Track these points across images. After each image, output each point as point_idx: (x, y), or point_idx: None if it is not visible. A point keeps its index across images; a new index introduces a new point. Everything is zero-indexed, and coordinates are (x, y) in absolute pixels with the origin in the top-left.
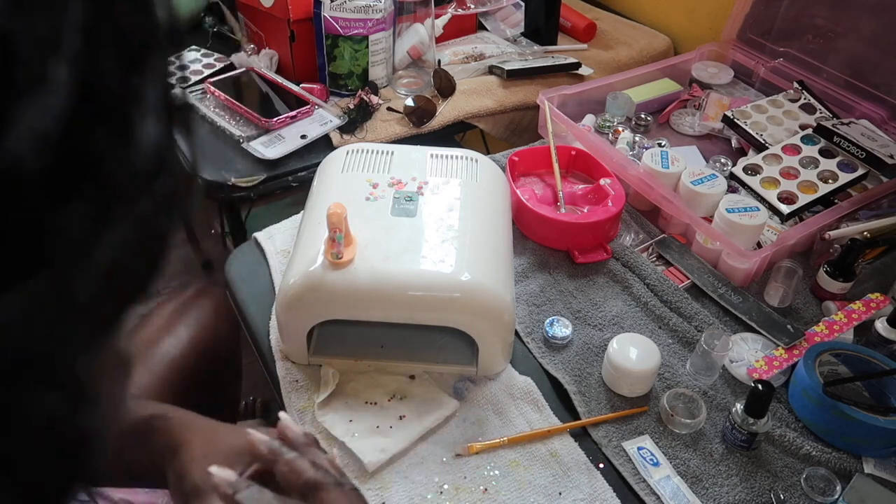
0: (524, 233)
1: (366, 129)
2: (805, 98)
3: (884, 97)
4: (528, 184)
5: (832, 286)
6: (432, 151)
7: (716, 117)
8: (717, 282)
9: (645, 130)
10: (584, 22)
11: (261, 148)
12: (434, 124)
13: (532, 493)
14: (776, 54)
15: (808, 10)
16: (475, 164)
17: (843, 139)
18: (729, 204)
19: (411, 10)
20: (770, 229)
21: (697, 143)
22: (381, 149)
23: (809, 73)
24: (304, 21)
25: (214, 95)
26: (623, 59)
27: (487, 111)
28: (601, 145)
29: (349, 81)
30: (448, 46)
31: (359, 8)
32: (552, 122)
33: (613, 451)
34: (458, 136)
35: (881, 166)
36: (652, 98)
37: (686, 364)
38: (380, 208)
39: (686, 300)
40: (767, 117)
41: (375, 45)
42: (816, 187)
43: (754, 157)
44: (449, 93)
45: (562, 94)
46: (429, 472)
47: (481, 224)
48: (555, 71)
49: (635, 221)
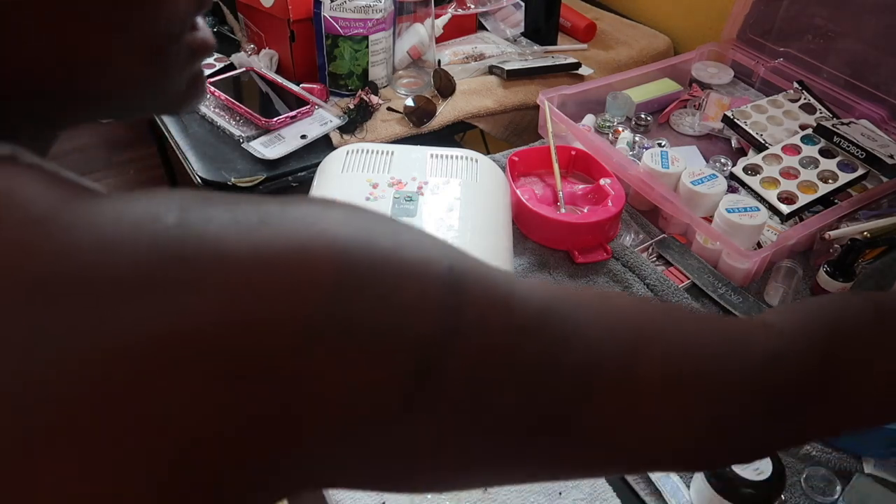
0: (524, 233)
1: (366, 129)
2: (805, 98)
3: (884, 97)
4: (528, 184)
5: (832, 286)
6: (432, 151)
7: (716, 117)
8: (717, 282)
9: (645, 130)
10: (584, 22)
11: (261, 148)
12: (434, 124)
13: (532, 493)
14: (776, 54)
15: (808, 10)
16: (475, 164)
17: (843, 139)
18: (729, 204)
19: (411, 10)
20: (770, 229)
21: (697, 143)
22: (381, 149)
23: (809, 73)
24: (304, 21)
25: (214, 95)
26: (623, 59)
27: (487, 111)
28: (601, 145)
29: (349, 81)
30: (448, 46)
31: (359, 8)
32: (552, 122)
33: None
34: (458, 136)
35: (881, 166)
36: (652, 98)
37: None
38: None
39: (686, 300)
40: (767, 117)
41: (375, 45)
42: (816, 187)
43: (754, 157)
44: (449, 93)
45: (562, 94)
46: None
47: (481, 224)
48: (555, 71)
49: (635, 221)
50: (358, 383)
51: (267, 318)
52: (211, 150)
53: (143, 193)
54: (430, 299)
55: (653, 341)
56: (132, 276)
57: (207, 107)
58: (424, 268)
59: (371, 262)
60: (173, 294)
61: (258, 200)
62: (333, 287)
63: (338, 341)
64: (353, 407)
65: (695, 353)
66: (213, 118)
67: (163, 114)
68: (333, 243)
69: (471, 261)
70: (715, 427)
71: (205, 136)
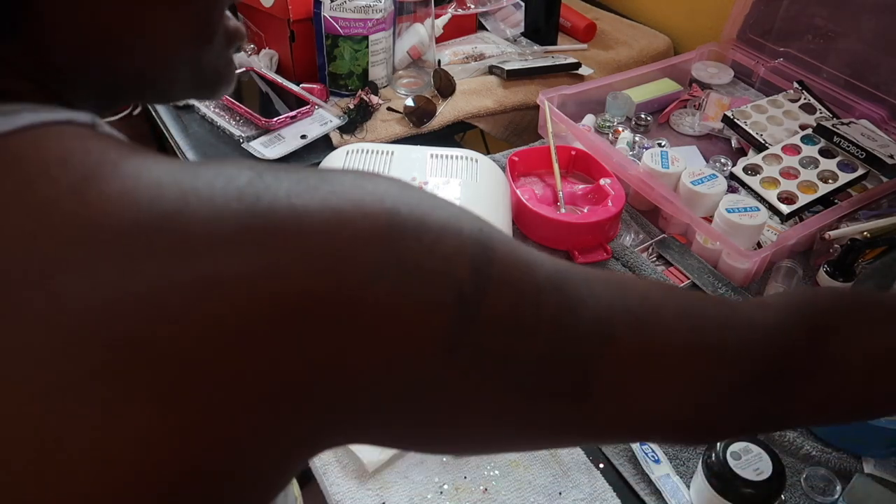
0: (524, 233)
1: (366, 129)
2: (805, 98)
3: (884, 97)
4: (528, 184)
5: (832, 286)
6: (432, 151)
7: (716, 117)
8: (717, 282)
9: (645, 130)
10: (584, 22)
11: (261, 148)
12: (434, 124)
13: (532, 493)
14: (776, 54)
15: (808, 10)
16: (475, 164)
17: (843, 139)
18: (729, 204)
19: (411, 10)
20: (770, 229)
21: (697, 143)
22: (381, 149)
23: (809, 73)
24: (304, 21)
25: None
26: (623, 59)
27: (487, 111)
28: (601, 145)
29: (349, 81)
30: (448, 46)
31: (359, 8)
32: (552, 122)
33: (613, 451)
34: (458, 136)
35: (881, 166)
36: (652, 98)
37: None
38: None
39: None
40: (767, 117)
41: (375, 45)
42: (816, 187)
43: (754, 157)
44: (449, 93)
45: (562, 94)
46: (429, 471)
47: None
48: (555, 71)
49: (635, 221)
50: (411, 319)
51: (340, 259)
52: (211, 150)
53: (213, 160)
54: (465, 252)
55: (660, 309)
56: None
57: (207, 107)
58: (458, 226)
59: (415, 218)
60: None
61: (311, 169)
62: (387, 236)
63: (397, 278)
64: (406, 342)
65: (699, 325)
66: (213, 118)
67: (195, 97)
68: (383, 201)
69: (497, 230)
70: (714, 397)
71: (205, 136)
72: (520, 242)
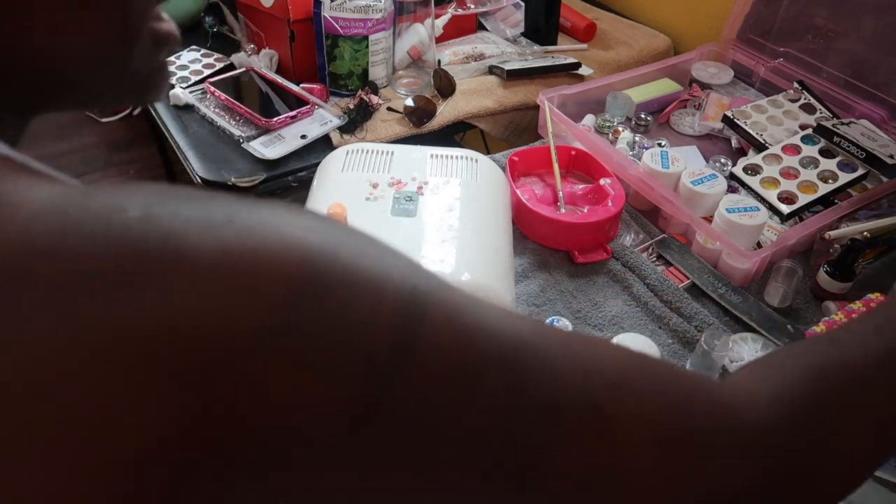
0: (524, 233)
1: (366, 129)
2: (805, 98)
3: (884, 97)
4: (528, 184)
5: (832, 286)
6: (432, 151)
7: (716, 117)
8: (717, 282)
9: (645, 130)
10: (584, 22)
11: (261, 148)
12: (434, 124)
13: None
14: (776, 54)
15: (808, 10)
16: (475, 164)
17: (843, 139)
18: (729, 204)
19: (411, 10)
20: (770, 229)
21: (697, 143)
22: (381, 149)
23: (809, 73)
24: (304, 21)
25: (214, 95)
26: (623, 59)
27: (487, 111)
28: (601, 145)
29: (349, 81)
30: (448, 46)
31: (359, 8)
32: (552, 122)
33: None
34: (458, 136)
35: (881, 166)
36: (652, 98)
37: (686, 364)
38: (380, 208)
39: (686, 300)
40: (767, 117)
41: (375, 45)
42: (816, 187)
43: (754, 157)
44: (449, 93)
45: (562, 94)
46: None
47: (481, 224)
48: (555, 71)
49: (635, 221)
50: (307, 389)
51: (221, 316)
52: (211, 150)
53: (111, 184)
54: (384, 317)
55: (634, 393)
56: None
57: (207, 107)
58: (382, 285)
59: (328, 272)
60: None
61: (231, 200)
62: (287, 292)
63: (286, 348)
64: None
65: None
66: (213, 118)
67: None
68: (295, 249)
69: (444, 288)
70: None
71: (205, 136)
72: (475, 304)
